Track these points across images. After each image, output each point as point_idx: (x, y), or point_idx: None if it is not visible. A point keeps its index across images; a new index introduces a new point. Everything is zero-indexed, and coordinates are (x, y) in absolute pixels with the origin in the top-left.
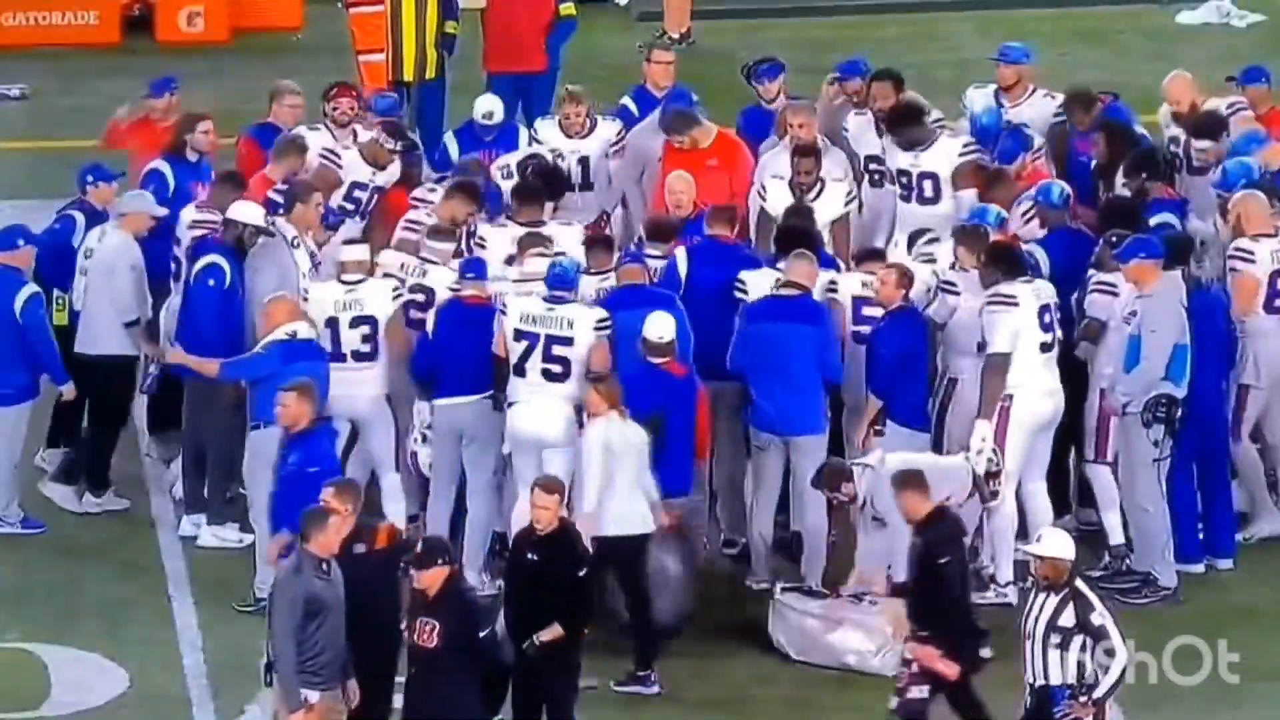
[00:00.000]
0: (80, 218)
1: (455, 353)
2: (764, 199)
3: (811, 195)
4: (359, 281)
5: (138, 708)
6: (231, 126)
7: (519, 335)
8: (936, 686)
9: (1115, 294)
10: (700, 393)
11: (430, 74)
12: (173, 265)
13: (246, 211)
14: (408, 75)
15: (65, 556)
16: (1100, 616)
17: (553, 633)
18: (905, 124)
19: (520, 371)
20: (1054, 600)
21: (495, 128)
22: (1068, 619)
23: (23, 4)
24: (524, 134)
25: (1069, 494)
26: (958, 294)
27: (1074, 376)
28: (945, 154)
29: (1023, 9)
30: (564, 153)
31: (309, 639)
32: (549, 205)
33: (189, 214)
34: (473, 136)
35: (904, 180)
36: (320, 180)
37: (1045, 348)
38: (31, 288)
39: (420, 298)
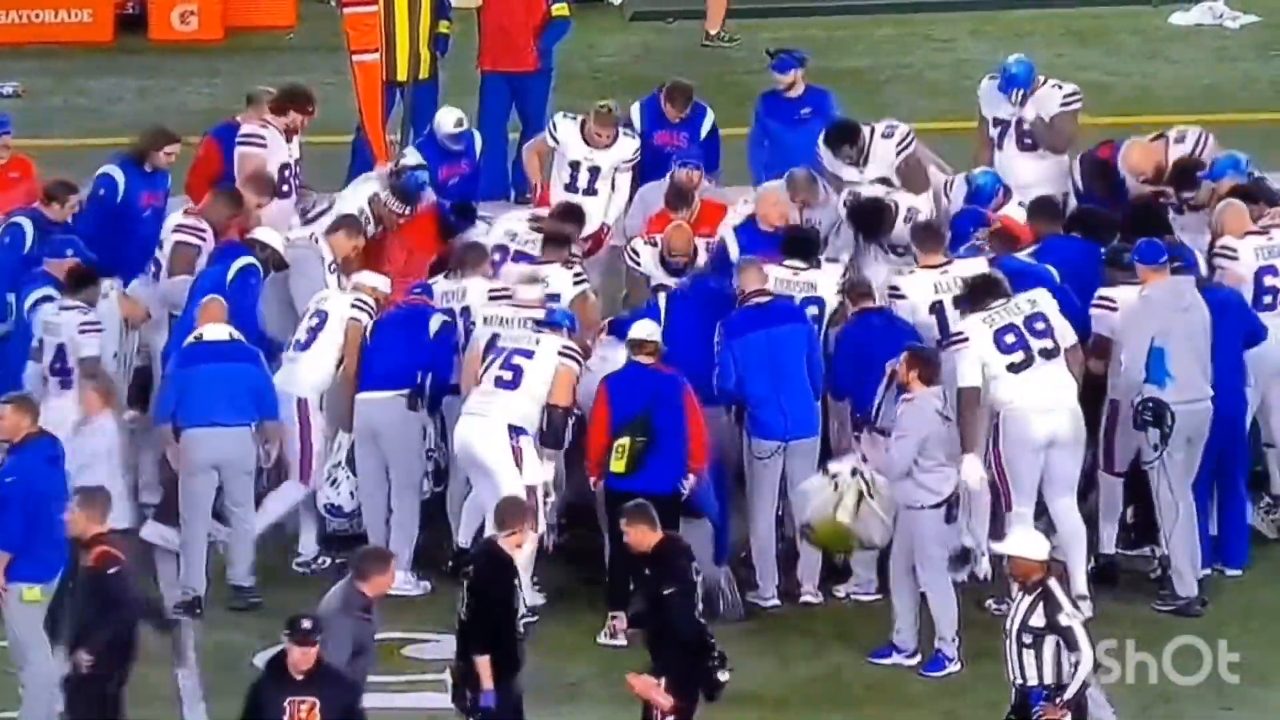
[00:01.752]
0: (28, 224)
1: (381, 351)
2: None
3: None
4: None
5: (131, 707)
6: None
7: (490, 348)
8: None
9: (1114, 309)
10: (688, 392)
11: (424, 74)
12: (151, 267)
13: (271, 236)
14: (401, 75)
15: None
16: (1068, 618)
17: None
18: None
19: (478, 381)
20: (1027, 601)
21: (461, 138)
22: (1038, 619)
23: (16, 2)
24: (478, 139)
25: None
26: (904, 297)
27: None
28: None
29: (1017, 9)
30: (579, 158)
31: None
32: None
33: (175, 219)
34: (436, 150)
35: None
36: (248, 169)
37: (1014, 368)
38: None
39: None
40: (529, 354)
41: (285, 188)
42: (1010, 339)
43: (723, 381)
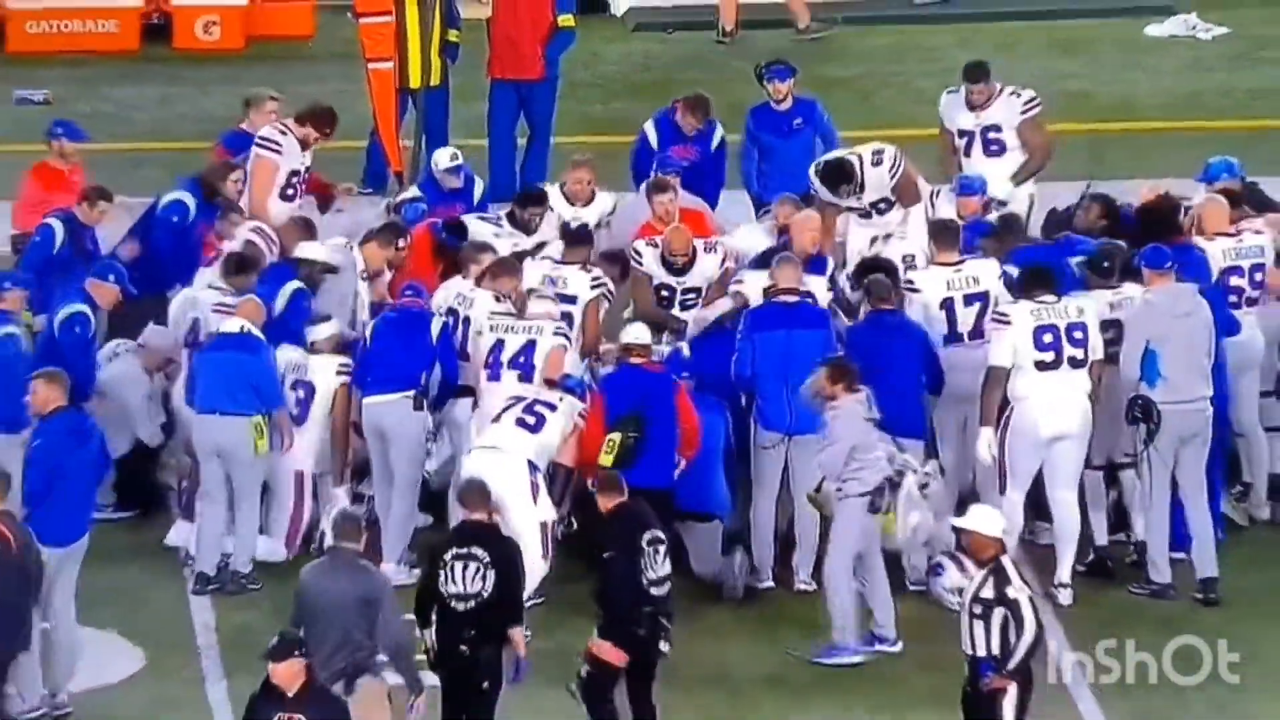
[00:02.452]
0: (59, 226)
1: (383, 354)
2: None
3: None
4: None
5: (153, 685)
6: None
7: (510, 399)
8: (598, 668)
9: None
10: (681, 391)
11: (435, 80)
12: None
13: (314, 250)
14: (414, 82)
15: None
16: (1016, 591)
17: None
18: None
19: (497, 420)
20: (980, 574)
21: (458, 172)
22: (988, 591)
23: (46, 14)
24: (478, 183)
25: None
26: (918, 291)
27: None
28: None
29: (1002, 21)
30: (568, 219)
31: None
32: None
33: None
34: (435, 191)
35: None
36: (262, 174)
37: (1042, 366)
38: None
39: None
40: (552, 406)
41: (290, 191)
42: (1048, 339)
43: (739, 368)
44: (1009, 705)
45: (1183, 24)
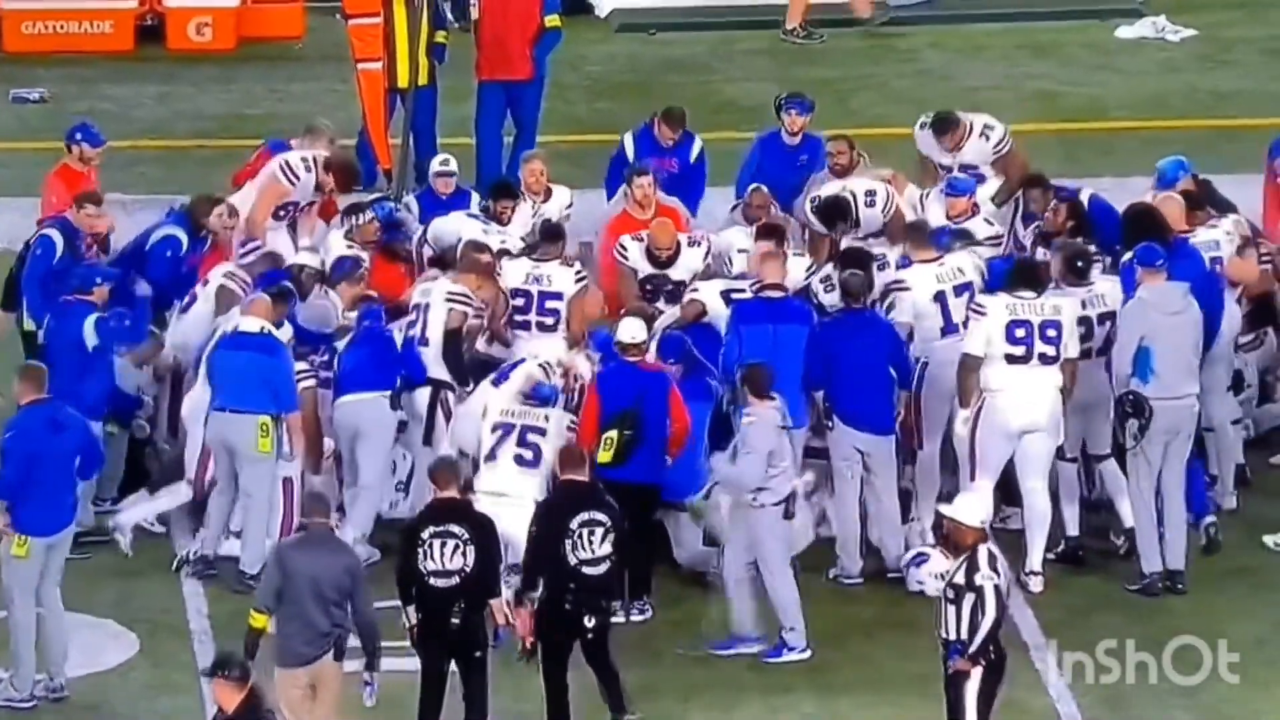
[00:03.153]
0: (57, 236)
1: (355, 362)
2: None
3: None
4: None
5: (147, 670)
6: (237, 129)
7: (495, 426)
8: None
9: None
10: (673, 389)
11: (423, 80)
12: (186, 299)
13: (309, 258)
14: (402, 82)
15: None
16: (984, 578)
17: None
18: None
19: (492, 457)
20: (957, 561)
21: (453, 180)
22: (960, 578)
23: (42, 14)
24: (474, 196)
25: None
26: (909, 289)
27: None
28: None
29: (975, 24)
30: (526, 218)
31: None
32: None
33: (223, 268)
34: (433, 200)
35: None
36: (268, 194)
37: (1012, 359)
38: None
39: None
40: (542, 432)
41: (283, 213)
42: (1020, 333)
43: (727, 361)
44: (971, 688)
45: (1152, 26)
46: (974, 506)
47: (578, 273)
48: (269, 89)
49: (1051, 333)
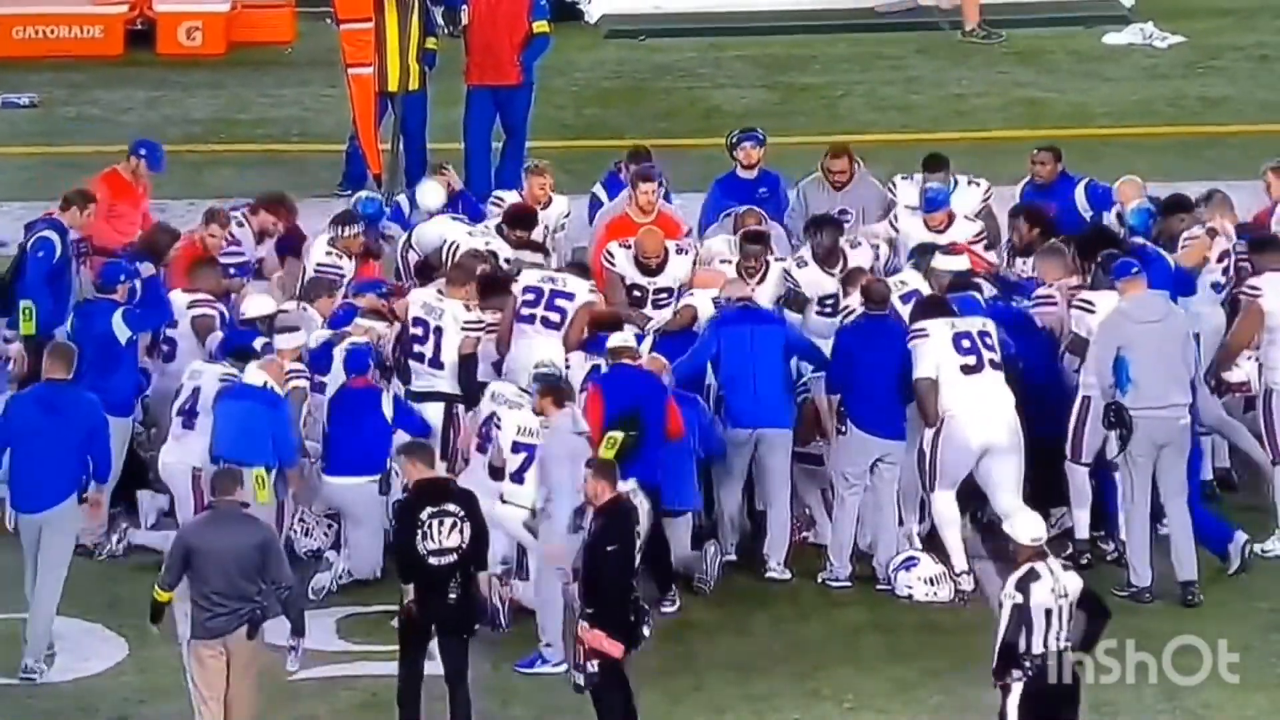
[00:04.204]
0: (55, 237)
1: (343, 436)
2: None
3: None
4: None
5: (135, 673)
6: (227, 133)
7: (516, 447)
8: (603, 660)
9: (1093, 310)
10: (669, 394)
11: (413, 86)
12: (165, 346)
13: (260, 305)
14: (392, 87)
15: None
16: (1007, 597)
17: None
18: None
19: (519, 479)
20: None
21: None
22: (1003, 591)
23: (32, 19)
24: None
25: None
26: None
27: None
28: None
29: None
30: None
31: None
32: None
33: (183, 298)
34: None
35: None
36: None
37: (967, 370)
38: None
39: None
40: None
41: (234, 271)
42: (966, 344)
43: (697, 357)
44: (1010, 703)
45: (1139, 33)
46: (1028, 524)
47: (591, 286)
48: (258, 93)
49: (989, 341)
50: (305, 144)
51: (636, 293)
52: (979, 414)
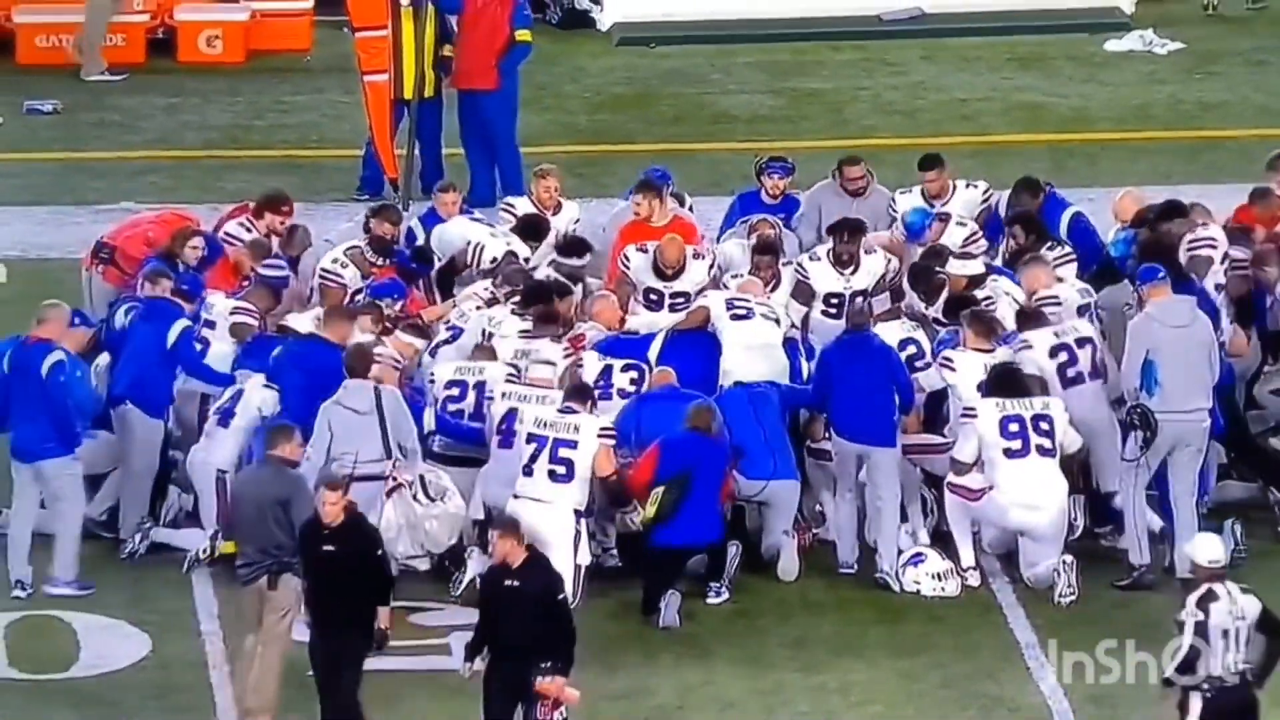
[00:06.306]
0: None
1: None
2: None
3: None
4: None
5: (158, 670)
6: (244, 140)
7: (530, 438)
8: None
9: (954, 369)
10: (730, 465)
11: (428, 93)
12: (198, 345)
13: (301, 322)
14: (408, 94)
15: (94, 536)
16: (1185, 615)
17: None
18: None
19: (528, 471)
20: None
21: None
22: (1184, 610)
23: (55, 28)
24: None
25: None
26: (955, 369)
27: None
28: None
29: (964, 37)
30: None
31: None
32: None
33: (226, 303)
34: (436, 220)
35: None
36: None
37: (1010, 454)
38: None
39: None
40: (573, 444)
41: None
42: (1014, 428)
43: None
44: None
45: (1139, 39)
46: (1207, 546)
47: (566, 351)
48: (275, 100)
49: (1045, 426)
50: (322, 149)
51: (653, 296)
52: (1025, 499)
